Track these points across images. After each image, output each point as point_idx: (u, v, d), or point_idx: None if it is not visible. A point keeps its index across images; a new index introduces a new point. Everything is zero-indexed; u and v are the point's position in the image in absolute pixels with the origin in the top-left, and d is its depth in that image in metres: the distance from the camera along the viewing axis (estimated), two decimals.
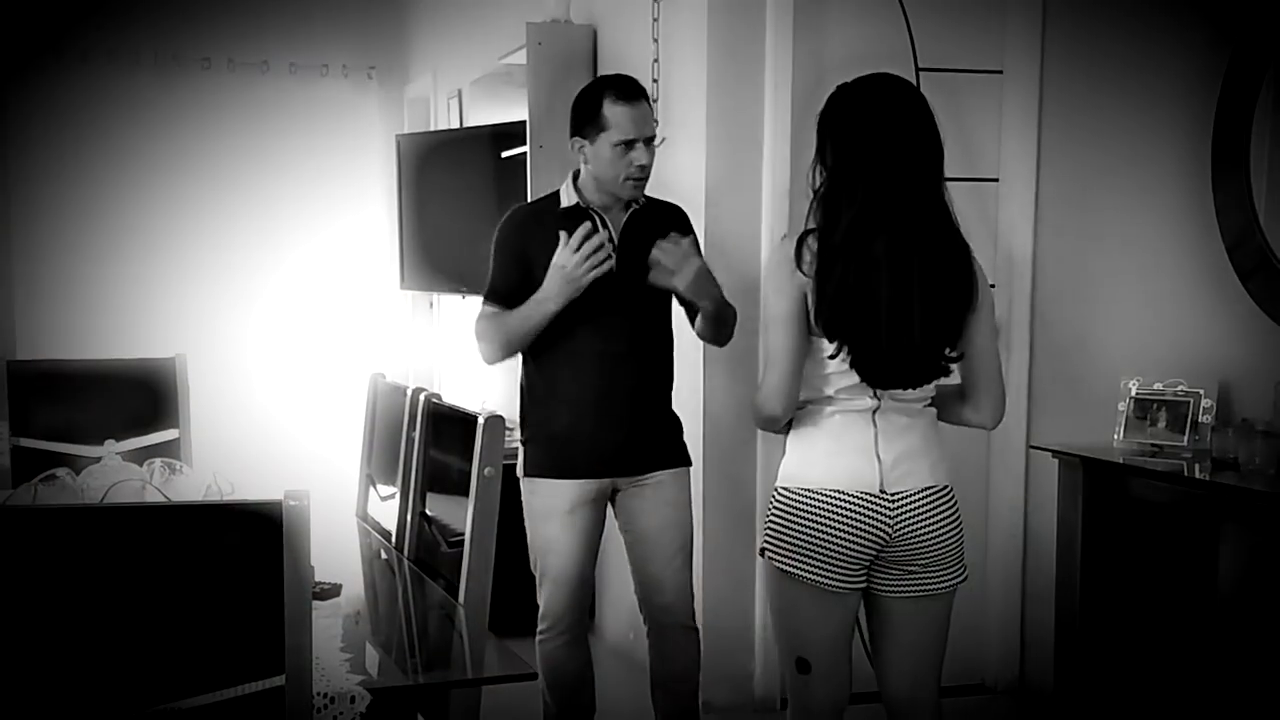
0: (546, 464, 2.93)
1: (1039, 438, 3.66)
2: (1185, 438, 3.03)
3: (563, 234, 2.80)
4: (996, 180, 3.84)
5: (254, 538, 1.62)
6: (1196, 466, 2.91)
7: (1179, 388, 3.10)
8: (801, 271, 2.25)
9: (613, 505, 3.00)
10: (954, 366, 2.32)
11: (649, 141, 2.86)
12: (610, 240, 2.87)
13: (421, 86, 6.40)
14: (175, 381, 3.49)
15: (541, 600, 2.98)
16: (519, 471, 2.98)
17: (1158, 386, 3.14)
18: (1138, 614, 3.00)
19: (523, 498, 2.97)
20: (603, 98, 2.84)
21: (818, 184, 2.28)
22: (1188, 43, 3.22)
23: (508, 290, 2.89)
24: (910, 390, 2.31)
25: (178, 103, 6.37)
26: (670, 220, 2.98)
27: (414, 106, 6.53)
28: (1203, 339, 3.16)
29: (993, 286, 3.81)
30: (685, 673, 3.03)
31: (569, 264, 2.76)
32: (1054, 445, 3.26)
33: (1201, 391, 3.05)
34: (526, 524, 2.97)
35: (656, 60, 3.85)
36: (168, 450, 3.30)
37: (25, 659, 1.59)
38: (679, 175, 3.72)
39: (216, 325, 6.37)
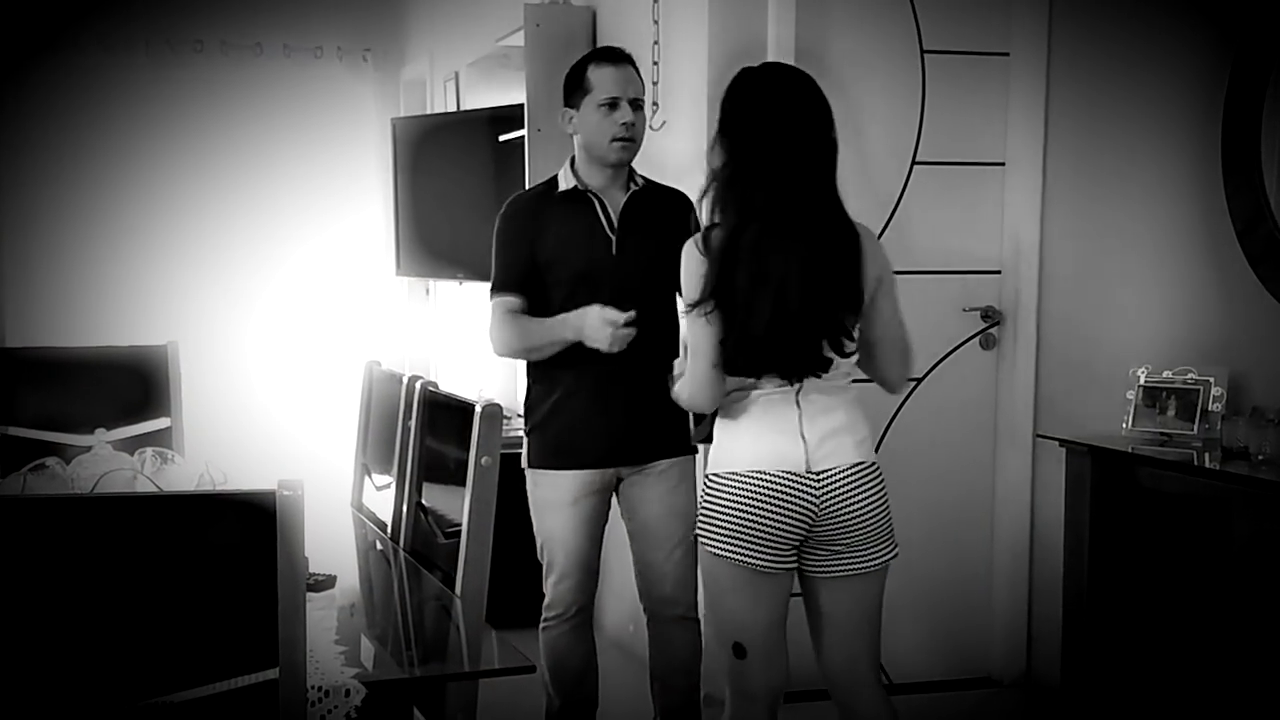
0: (550, 455, 2.93)
1: (1046, 427, 3.65)
2: (1195, 426, 3.02)
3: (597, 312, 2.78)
4: (1002, 165, 3.82)
5: (247, 528, 1.61)
6: (1207, 456, 2.90)
7: (1189, 375, 3.08)
8: (706, 258, 2.31)
9: (616, 495, 2.99)
10: (843, 355, 2.34)
11: (636, 104, 2.88)
12: (609, 222, 2.87)
13: (417, 69, 6.39)
14: (167, 369, 3.47)
15: (548, 589, 2.97)
16: (523, 463, 2.97)
17: (1167, 374, 3.12)
18: (1146, 606, 2.99)
19: (527, 488, 2.97)
20: (588, 64, 2.90)
21: (715, 164, 2.33)
22: (1198, 24, 3.19)
23: (518, 279, 2.89)
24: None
25: (170, 86, 6.35)
26: (672, 206, 2.96)
27: (410, 89, 6.52)
28: (1213, 326, 3.14)
29: (998, 273, 3.81)
30: (685, 665, 3.01)
31: (601, 333, 2.76)
32: (1061, 434, 3.25)
33: (1212, 379, 3.03)
34: (532, 514, 2.97)
35: (656, 42, 3.83)
36: (159, 439, 3.27)
37: (14, 652, 1.58)
38: (679, 159, 3.70)
39: (209, 312, 6.35)
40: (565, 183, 2.92)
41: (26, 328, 6.07)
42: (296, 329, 6.60)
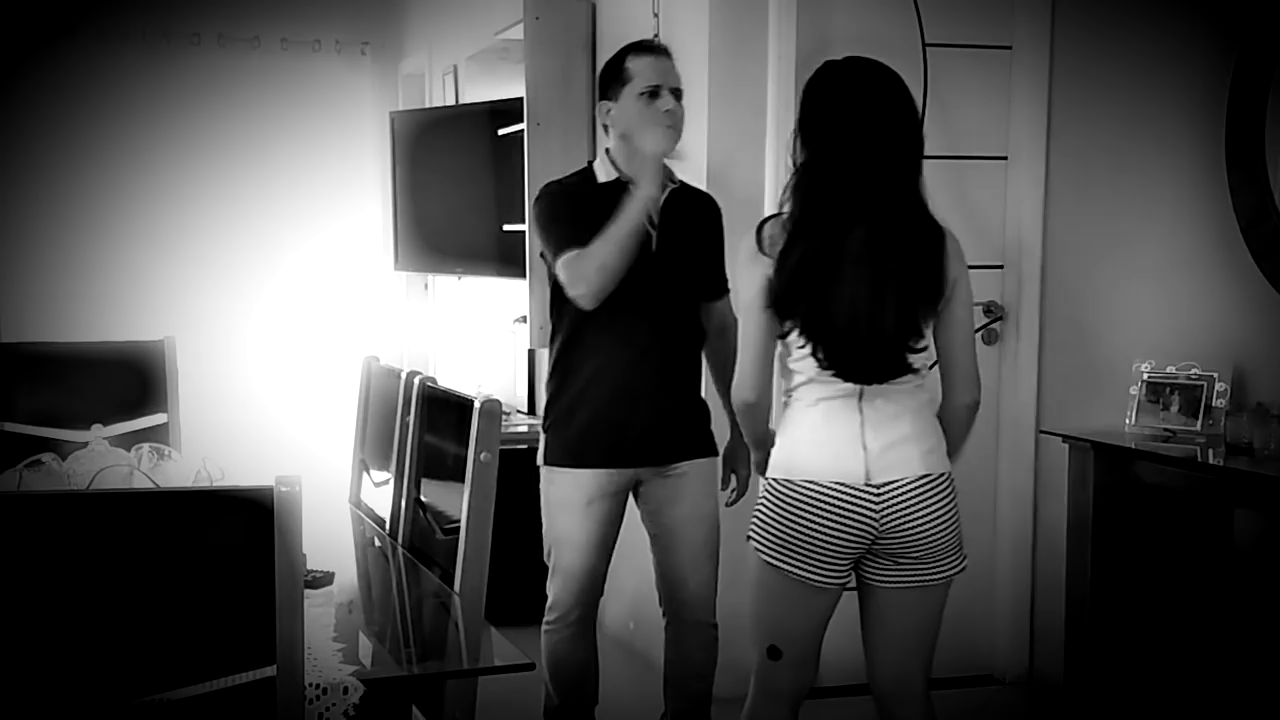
0: (567, 453, 2.86)
1: (1049, 422, 3.63)
2: (1199, 422, 3.01)
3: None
4: (1005, 159, 3.80)
5: (245, 525, 1.60)
6: (1210, 451, 2.89)
7: (1192, 371, 3.08)
8: (763, 253, 2.26)
9: (635, 498, 2.94)
10: (922, 358, 2.28)
11: (675, 93, 2.82)
12: (649, 218, 2.77)
13: (416, 62, 6.37)
14: (164, 364, 3.44)
15: (551, 591, 2.93)
16: (539, 460, 2.92)
17: (1170, 370, 3.12)
18: (1150, 603, 2.98)
19: (541, 486, 2.92)
20: (626, 55, 2.84)
21: (798, 159, 2.27)
22: (1202, 17, 3.17)
23: (585, 235, 2.71)
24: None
25: (167, 80, 6.32)
26: (705, 209, 2.94)
27: (409, 83, 6.50)
28: (1217, 321, 3.13)
29: (1001, 267, 3.80)
30: (702, 670, 2.98)
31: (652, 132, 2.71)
32: (1064, 430, 3.24)
33: (1215, 375, 3.02)
34: (543, 513, 2.92)
35: (657, 35, 3.80)
36: (156, 435, 3.25)
37: (10, 649, 1.57)
38: (681, 152, 3.66)
39: (206, 307, 6.33)
40: (604, 174, 2.85)
41: (22, 323, 6.04)
42: (294, 324, 6.58)
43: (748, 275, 2.29)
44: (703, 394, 2.97)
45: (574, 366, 2.85)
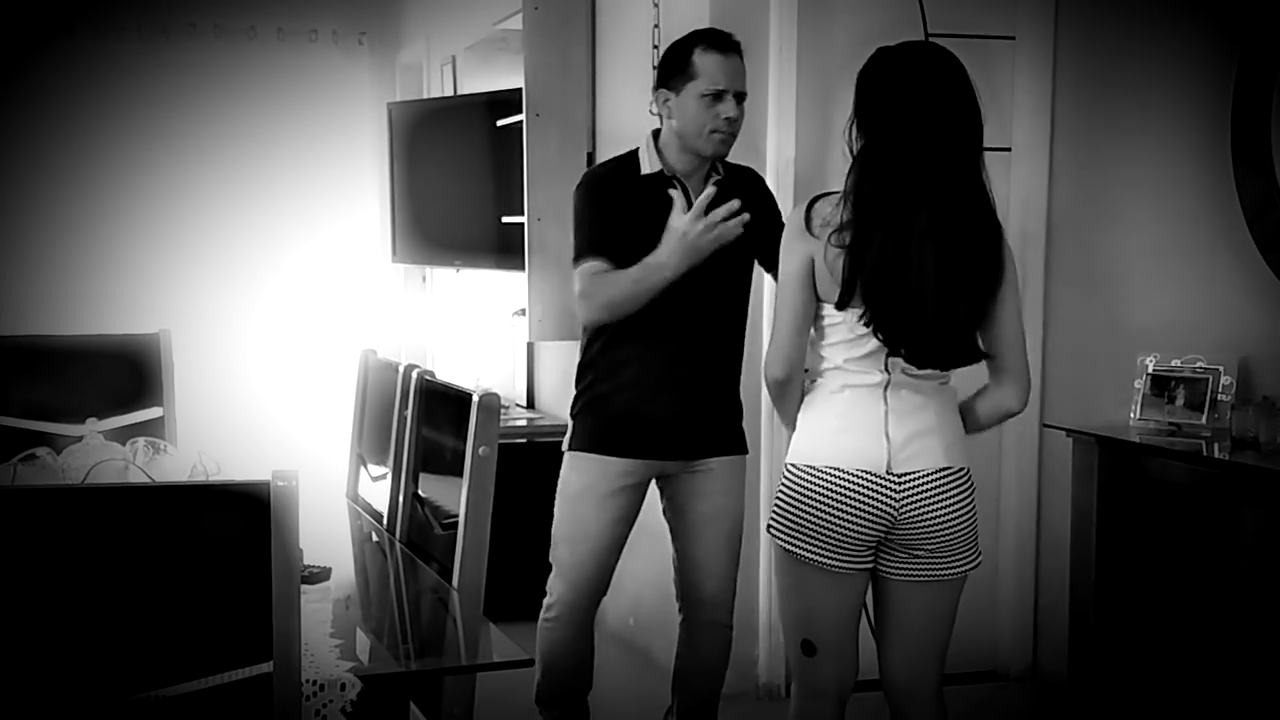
0: (595, 439, 2.82)
1: (1053, 416, 3.61)
2: (1204, 416, 3.00)
3: (676, 196, 2.66)
4: (1009, 150, 3.78)
5: (241, 519, 1.59)
6: (1216, 446, 2.88)
7: (1198, 364, 3.06)
8: (811, 234, 2.25)
9: (660, 492, 2.91)
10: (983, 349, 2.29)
11: (740, 97, 2.75)
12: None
13: (414, 53, 6.35)
14: (159, 358, 3.43)
15: (554, 586, 2.90)
16: (564, 446, 2.89)
17: (1175, 363, 3.11)
18: (1155, 599, 2.97)
19: (561, 474, 2.88)
20: (694, 46, 2.74)
21: (855, 146, 2.25)
22: (1207, 7, 3.16)
23: (614, 241, 2.70)
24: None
25: (163, 71, 6.31)
26: (750, 185, 2.85)
27: (406, 73, 6.48)
28: (1222, 314, 3.12)
29: None
30: (713, 669, 2.96)
31: (691, 231, 2.59)
32: (1068, 424, 3.23)
33: (1221, 368, 3.01)
34: (558, 503, 2.89)
35: (657, 25, 3.78)
36: (151, 429, 3.25)
37: (3, 645, 1.56)
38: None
39: (202, 300, 6.32)
40: (649, 165, 2.79)
41: (16, 316, 6.03)
42: (291, 317, 6.58)
43: (790, 252, 2.28)
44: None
45: (612, 354, 2.80)
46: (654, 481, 2.90)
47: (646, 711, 3.11)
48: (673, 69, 2.75)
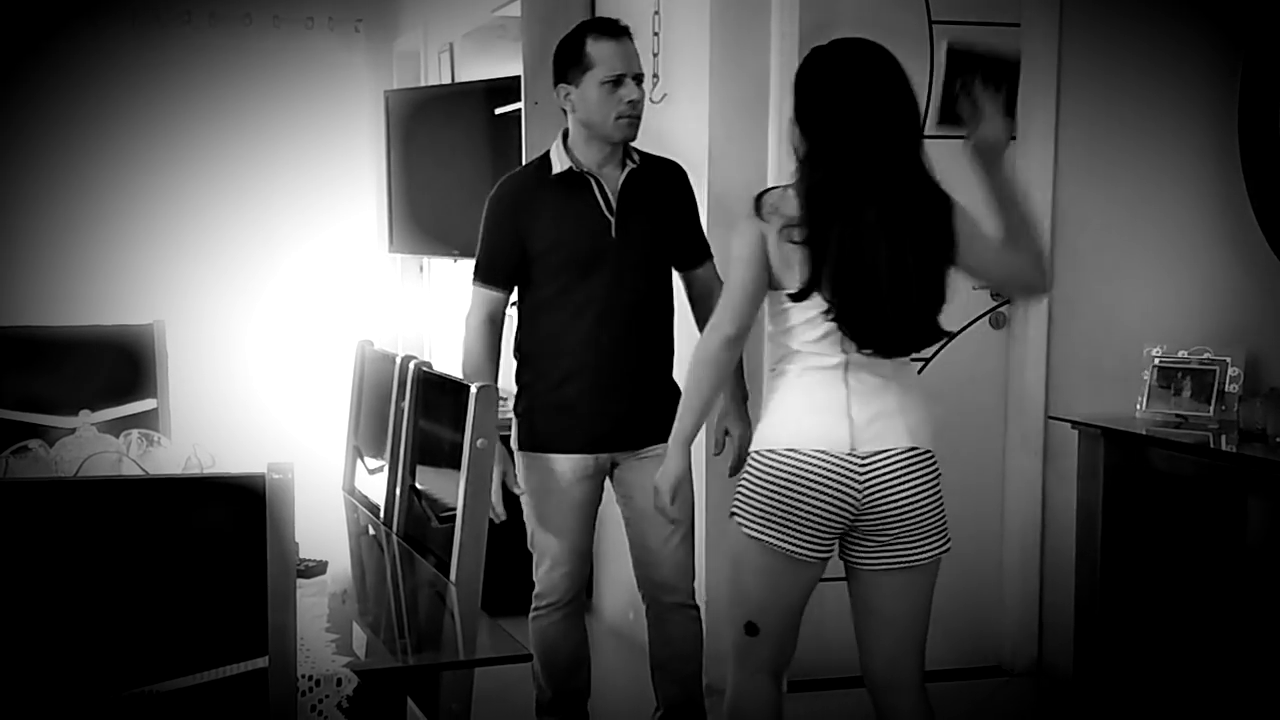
0: (543, 438, 2.89)
1: (1058, 408, 3.61)
2: (1211, 408, 2.99)
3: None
4: (1013, 139, 3.73)
5: (236, 512, 1.60)
6: (1223, 438, 2.88)
7: (1204, 356, 3.06)
8: (760, 217, 2.29)
9: (610, 480, 2.96)
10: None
11: (638, 79, 2.81)
12: (607, 205, 2.82)
13: (411, 40, 6.35)
14: (153, 349, 3.41)
15: (539, 577, 2.94)
16: (513, 444, 2.93)
17: (1182, 354, 3.10)
18: (1161, 592, 2.97)
19: (517, 472, 2.93)
20: (585, 36, 2.81)
21: (799, 147, 2.31)
22: None
23: (505, 270, 2.86)
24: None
25: (158, 58, 6.31)
26: (669, 179, 2.93)
27: (403, 61, 6.48)
28: (1229, 305, 3.11)
29: None
30: (685, 653, 2.99)
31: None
32: (1074, 416, 3.23)
33: (1228, 359, 3.01)
34: (522, 499, 2.93)
35: (657, 12, 3.78)
36: (145, 421, 3.22)
37: None
38: (680, 132, 3.65)
39: (196, 290, 6.32)
40: (559, 164, 2.85)
41: (8, 306, 6.03)
42: (287, 307, 6.58)
43: (741, 234, 2.31)
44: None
45: (545, 351, 2.87)
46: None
47: (646, 707, 3.10)
48: (568, 62, 2.81)
